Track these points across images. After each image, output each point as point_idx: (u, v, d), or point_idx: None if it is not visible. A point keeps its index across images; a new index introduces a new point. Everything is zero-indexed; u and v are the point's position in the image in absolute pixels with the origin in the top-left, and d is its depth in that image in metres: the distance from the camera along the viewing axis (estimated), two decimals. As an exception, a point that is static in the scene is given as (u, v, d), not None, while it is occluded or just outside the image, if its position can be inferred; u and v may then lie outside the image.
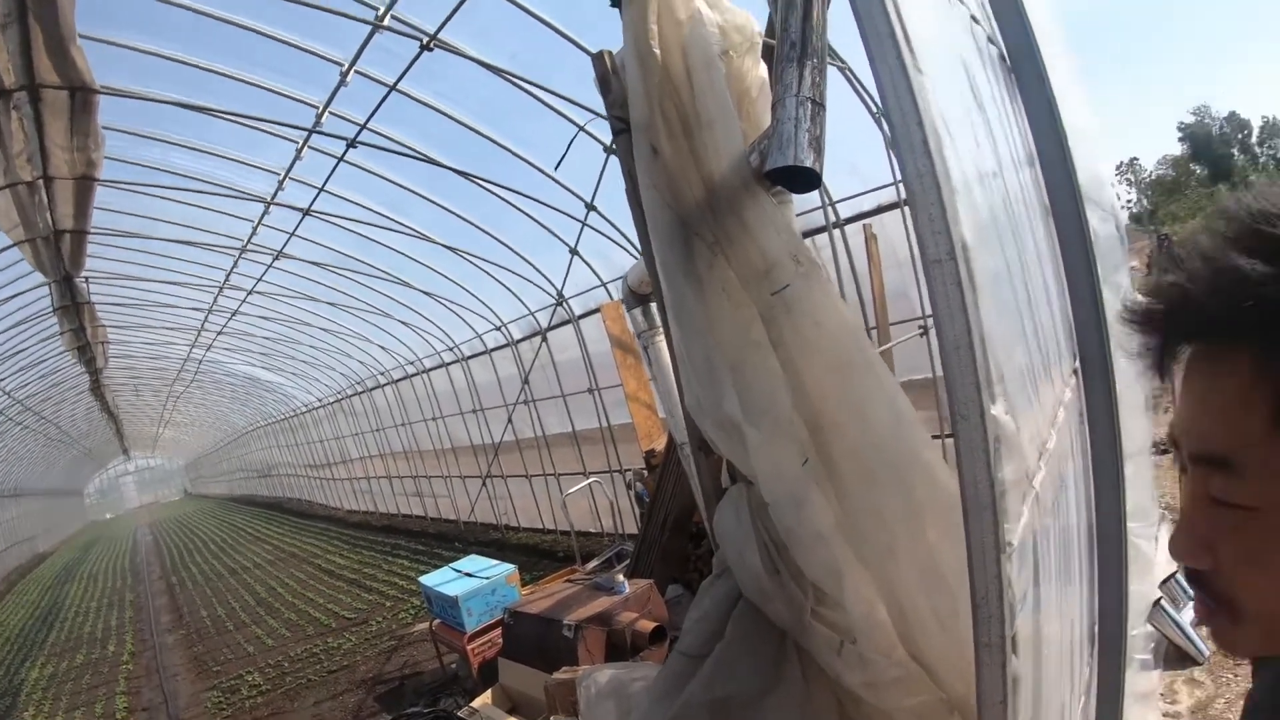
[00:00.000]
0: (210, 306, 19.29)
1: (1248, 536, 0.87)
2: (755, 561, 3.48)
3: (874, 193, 9.80)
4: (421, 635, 12.42)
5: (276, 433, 40.50)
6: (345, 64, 8.83)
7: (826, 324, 3.23)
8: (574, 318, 14.27)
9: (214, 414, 46.76)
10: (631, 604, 7.83)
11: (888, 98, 1.51)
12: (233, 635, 16.69)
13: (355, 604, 16.39)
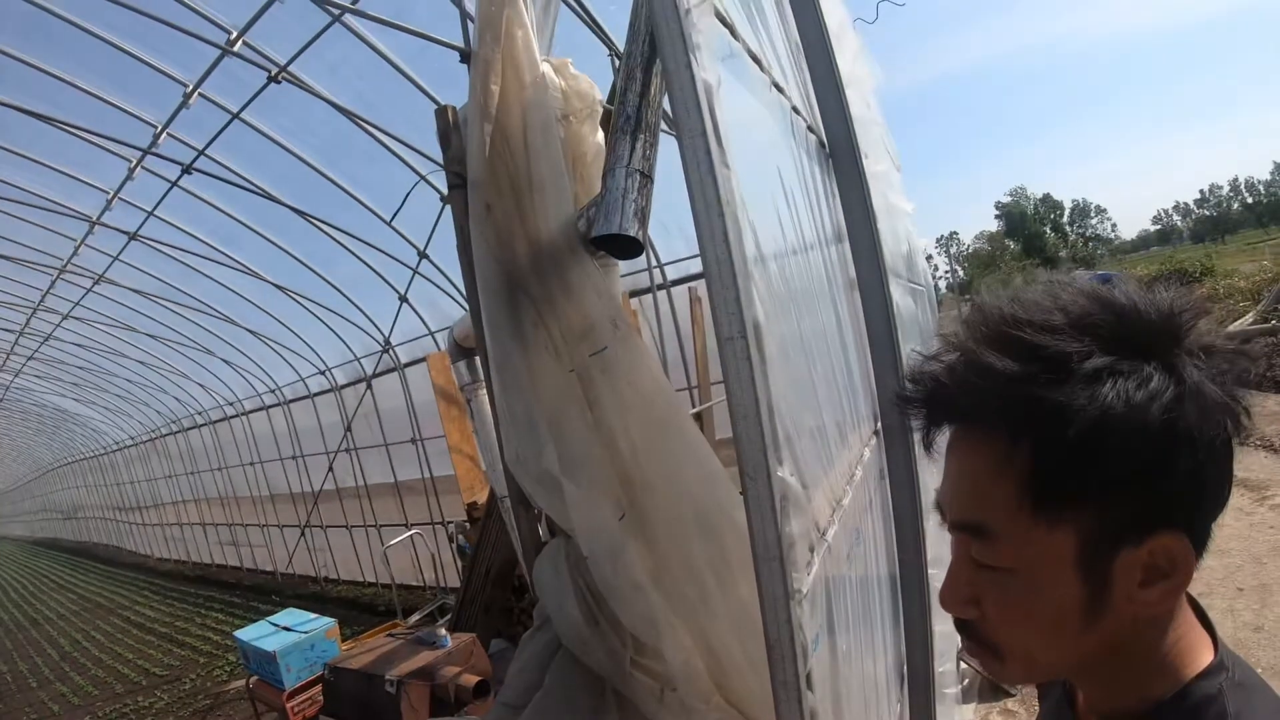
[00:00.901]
0: (22, 329, 18.05)
1: (1006, 593, 1.03)
2: (575, 612, 3.56)
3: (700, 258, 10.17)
4: (238, 693, 11.93)
5: (85, 471, 38.28)
6: (190, 85, 8.62)
7: (641, 386, 3.37)
8: (400, 366, 14.16)
9: (18, 446, 44.03)
10: (455, 658, 7.77)
11: (694, 190, 1.67)
12: (36, 693, 15.63)
13: (167, 660, 15.60)
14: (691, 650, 3.44)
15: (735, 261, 1.64)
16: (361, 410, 15.27)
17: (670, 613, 3.42)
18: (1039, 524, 0.98)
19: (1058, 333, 0.97)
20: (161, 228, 12.15)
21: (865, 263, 3.82)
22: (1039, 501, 0.98)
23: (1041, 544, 0.99)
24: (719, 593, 3.47)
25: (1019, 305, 1.03)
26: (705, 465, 3.43)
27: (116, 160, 10.20)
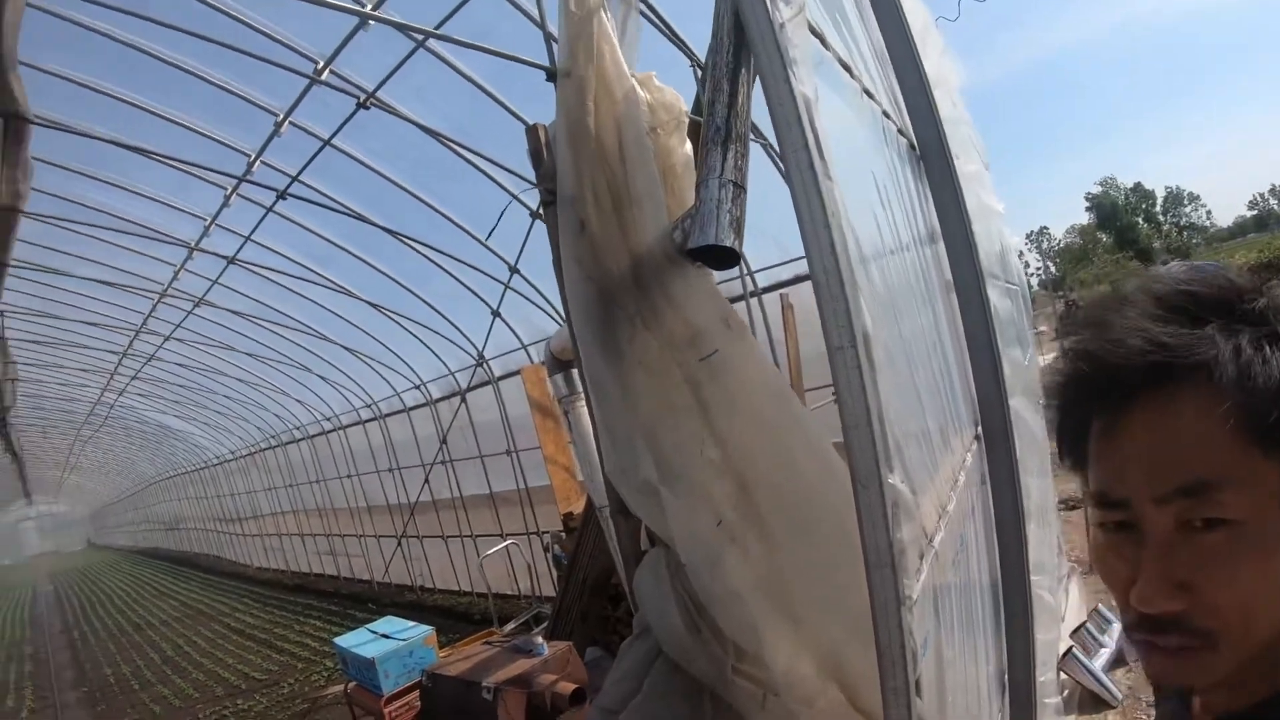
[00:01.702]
0: (125, 350, 18.79)
1: (1234, 552, 1.00)
2: (676, 621, 3.58)
3: (792, 263, 10.12)
4: (335, 698, 12.17)
5: (186, 484, 39.32)
6: (281, 114, 8.88)
7: (754, 383, 3.38)
8: (494, 379, 14.34)
9: (122, 461, 45.26)
10: (551, 666, 7.82)
11: (799, 203, 1.70)
12: (138, 695, 16.14)
13: (266, 665, 16.01)
14: (797, 655, 3.43)
15: (843, 272, 1.66)
16: (456, 423, 15.48)
17: (774, 618, 3.43)
18: (1266, 461, 0.98)
19: (1226, 287, 1.03)
20: (258, 251, 12.56)
21: (961, 264, 3.79)
22: (1264, 438, 0.98)
23: (1273, 482, 0.98)
24: (841, 592, 3.45)
25: (1186, 274, 1.07)
26: (824, 460, 3.41)
27: (213, 188, 10.59)
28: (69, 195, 11.02)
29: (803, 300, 10.03)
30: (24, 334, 16.95)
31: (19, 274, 12.92)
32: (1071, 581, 7.50)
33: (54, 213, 11.29)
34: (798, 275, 10.15)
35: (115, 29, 8.03)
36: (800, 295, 10.05)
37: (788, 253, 10.08)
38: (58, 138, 9.37)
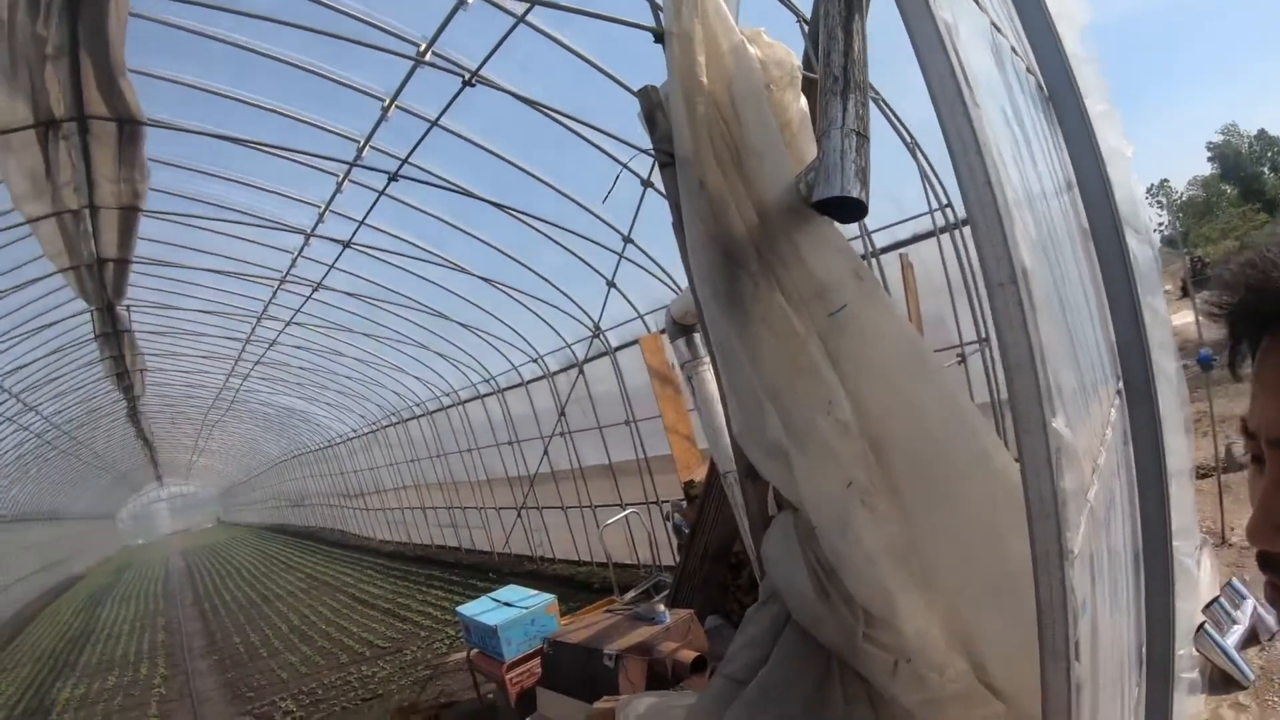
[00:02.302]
0: (248, 336, 19.58)
1: None
2: (805, 586, 3.51)
3: (910, 221, 9.85)
4: (457, 665, 12.42)
5: (310, 462, 40.66)
6: (387, 99, 9.03)
7: (886, 337, 3.28)
8: (610, 350, 14.36)
9: (248, 443, 47.01)
10: (672, 634, 7.82)
11: (949, 132, 1.59)
12: (266, 661, 16.85)
13: (389, 633, 16.47)
14: (929, 620, 3.33)
15: (999, 203, 1.55)
16: (574, 395, 15.61)
17: (906, 582, 3.32)
18: None
19: None
20: (372, 234, 12.83)
21: (1098, 211, 3.57)
22: None
23: None
24: (977, 553, 3.33)
25: None
26: (959, 420, 3.29)
27: (326, 176, 10.89)
28: (187, 192, 11.47)
29: (922, 259, 9.75)
30: (150, 326, 17.74)
31: (143, 269, 13.50)
32: (1204, 553, 7.15)
33: (174, 209, 11.79)
34: (916, 234, 9.88)
35: (221, 30, 8.29)
36: (920, 254, 9.77)
37: (904, 211, 9.82)
38: (173, 138, 9.75)
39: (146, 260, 13.17)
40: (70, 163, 7.36)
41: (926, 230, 9.71)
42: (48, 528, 43.89)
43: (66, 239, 8.74)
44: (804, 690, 3.61)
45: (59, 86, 6.29)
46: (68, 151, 7.26)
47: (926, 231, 9.72)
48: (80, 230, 8.77)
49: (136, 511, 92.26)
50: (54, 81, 6.21)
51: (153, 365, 19.50)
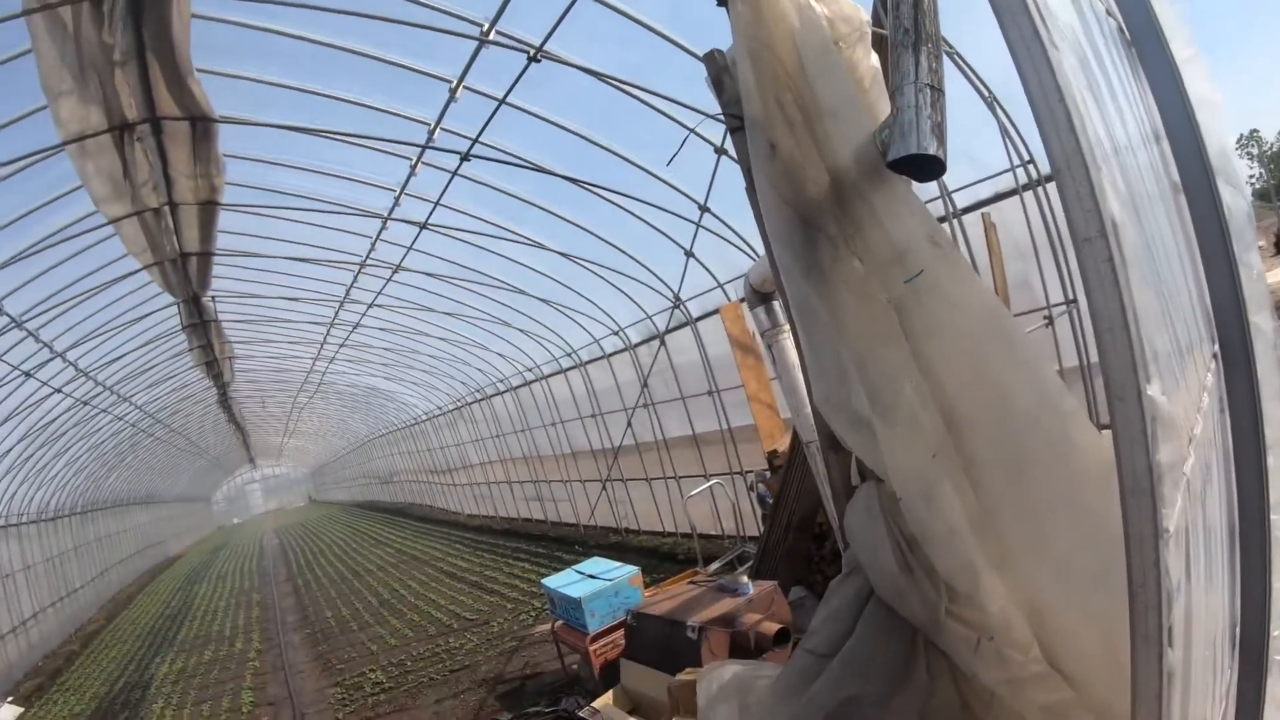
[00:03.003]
0: (332, 321, 19.97)
1: None
2: (888, 559, 3.41)
3: (990, 180, 9.52)
4: (542, 636, 12.55)
5: (398, 440, 41.35)
6: (454, 81, 9.07)
7: (965, 306, 3.14)
8: (691, 320, 14.28)
9: (336, 423, 48.03)
10: (756, 605, 7.76)
11: (1027, 75, 1.47)
12: (356, 634, 17.20)
13: (476, 605, 16.68)
14: (1011, 598, 3.21)
15: (1084, 150, 1.43)
16: (656, 366, 15.57)
17: (990, 558, 3.21)
18: None
19: None
20: (448, 214, 12.91)
21: (1188, 162, 3.36)
22: None
23: None
24: (1052, 532, 3.19)
25: None
26: (1040, 385, 3.15)
27: (399, 160, 10.98)
28: (263, 184, 11.78)
29: (1005, 219, 9.43)
30: (235, 315, 18.28)
31: (225, 261, 13.85)
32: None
33: (251, 201, 12.11)
34: (998, 192, 9.54)
35: (283, 25, 8.40)
36: (1003, 213, 9.44)
37: (984, 169, 9.49)
38: (245, 133, 10.00)
39: (228, 252, 13.56)
40: (147, 163, 7.52)
41: (1008, 188, 9.37)
42: (145, 511, 45.60)
43: (149, 236, 8.96)
44: (888, 666, 3.52)
45: (129, 90, 6.41)
46: (143, 152, 7.42)
47: (1008, 190, 9.38)
48: (162, 227, 8.99)
49: (231, 493, 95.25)
50: (124, 86, 6.32)
51: (240, 352, 20.01)
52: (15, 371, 15.49)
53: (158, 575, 44.36)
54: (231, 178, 9.21)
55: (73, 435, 23.52)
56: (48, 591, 24.73)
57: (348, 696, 12.70)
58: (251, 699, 14.14)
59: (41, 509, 24.98)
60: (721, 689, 4.79)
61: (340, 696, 12.82)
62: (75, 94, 6.16)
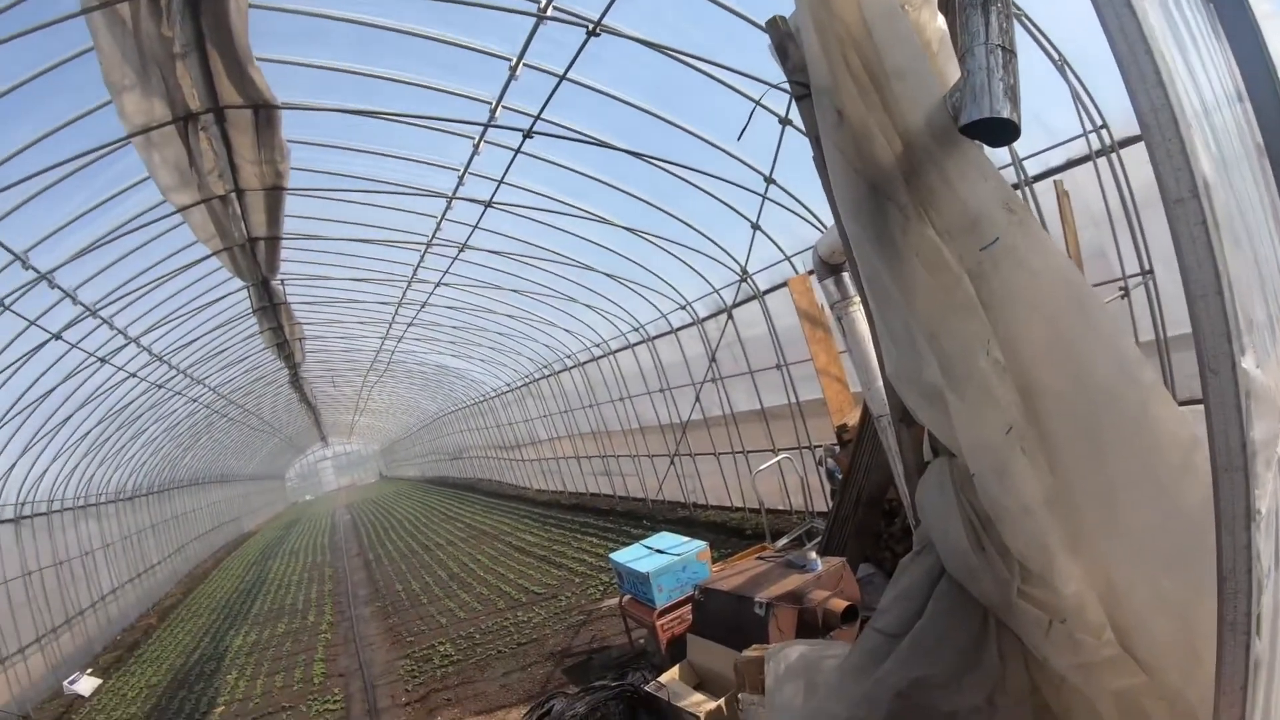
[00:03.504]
0: (400, 300, 20.28)
1: None
2: (960, 537, 3.32)
3: (1063, 146, 9.20)
4: (610, 611, 12.61)
5: (466, 417, 41.79)
6: (513, 58, 9.09)
7: (1041, 275, 3.03)
8: (759, 293, 14.15)
9: (406, 401, 48.82)
10: (824, 582, 7.68)
11: (1111, 28, 1.38)
12: (426, 608, 17.49)
13: (544, 580, 16.82)
14: (1084, 579, 3.11)
15: (1174, 105, 1.33)
16: (724, 340, 15.48)
17: (1065, 538, 3.11)
18: None
19: None
20: (512, 192, 12.96)
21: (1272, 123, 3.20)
22: None
23: None
24: (1128, 513, 3.08)
25: None
26: (1119, 357, 3.03)
27: (461, 139, 11.04)
28: (327, 168, 11.98)
29: (1078, 186, 9.10)
30: (305, 297, 18.78)
31: (293, 244, 14.17)
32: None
33: (317, 185, 12.37)
34: (1070, 159, 9.21)
35: (340, 10, 8.50)
36: (1075, 180, 9.11)
37: (1056, 135, 9.17)
38: (308, 118, 10.24)
39: (296, 235, 13.86)
40: (212, 151, 7.65)
41: (1081, 154, 9.03)
42: (221, 489, 47.06)
43: (217, 223, 9.13)
44: (959, 647, 3.44)
45: (191, 82, 6.51)
46: (208, 141, 7.55)
47: (1081, 156, 9.03)
48: (229, 213, 9.16)
49: (303, 470, 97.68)
50: (186, 77, 6.42)
51: (310, 334, 20.41)
52: (91, 358, 16.07)
53: (233, 551, 45.72)
54: (296, 162, 9.33)
55: (149, 418, 24.36)
56: (126, 568, 25.73)
57: (417, 668, 12.92)
58: (323, 670, 14.48)
59: (120, 489, 25.92)
60: (789, 669, 4.75)
61: (410, 668, 13.05)
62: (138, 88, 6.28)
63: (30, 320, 12.79)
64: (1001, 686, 3.35)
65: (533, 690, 10.44)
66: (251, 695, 14.15)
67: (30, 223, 10.31)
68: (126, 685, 17.43)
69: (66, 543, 20.88)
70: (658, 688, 7.88)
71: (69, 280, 12.31)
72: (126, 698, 16.29)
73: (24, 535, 18.33)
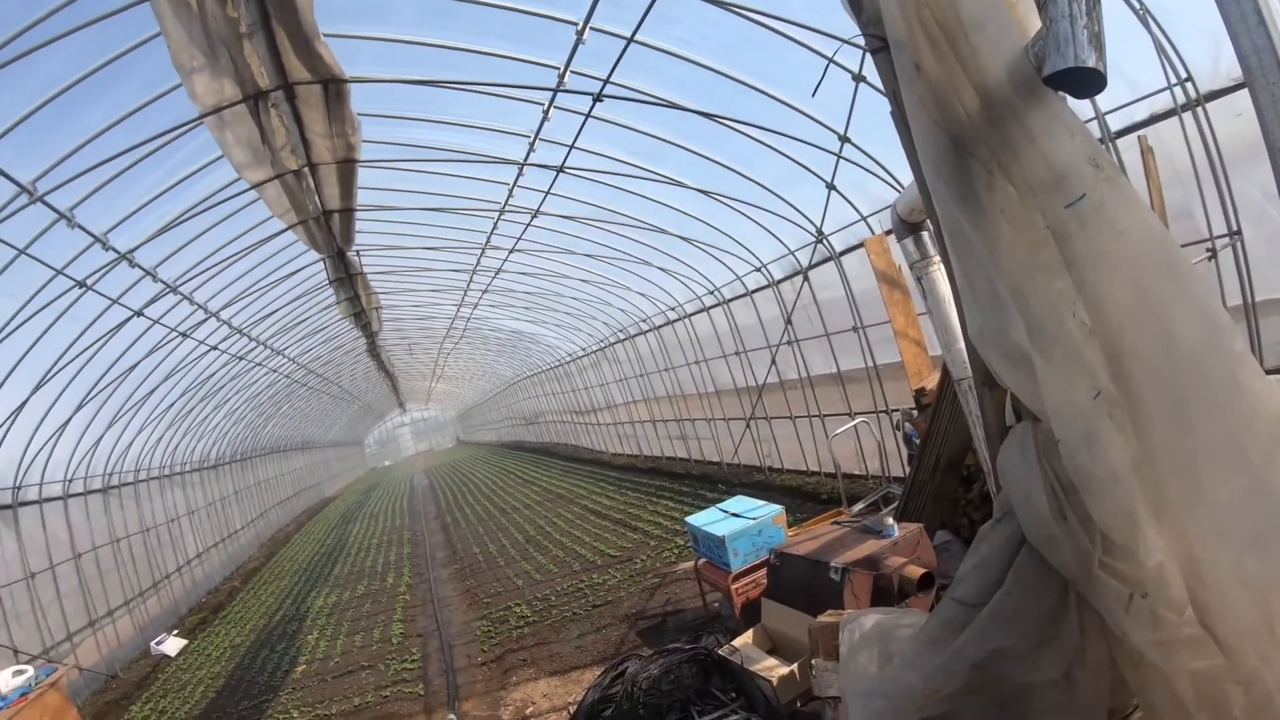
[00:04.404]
0: (474, 268, 20.45)
1: None
2: (1042, 505, 3.21)
3: (1146, 100, 8.80)
4: (684, 574, 12.64)
5: (542, 382, 42.08)
6: (580, 22, 9.02)
7: (1131, 234, 2.89)
8: (835, 255, 13.95)
9: (482, 367, 49.29)
10: (900, 548, 7.60)
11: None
12: (502, 570, 17.82)
13: (620, 543, 16.95)
14: (1170, 553, 2.98)
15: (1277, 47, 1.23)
16: (800, 302, 15.26)
17: (1150, 508, 2.98)
18: None
19: None
20: (584, 156, 12.92)
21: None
22: None
23: None
24: (1214, 485, 2.96)
25: None
26: (1210, 328, 2.89)
27: (531, 106, 11.02)
28: (398, 139, 12.12)
29: (1162, 142, 8.69)
30: (380, 267, 19.19)
31: (367, 216, 14.40)
32: None
33: (388, 156, 12.61)
34: (1154, 113, 8.81)
35: None
36: (1160, 136, 8.69)
37: (1138, 88, 8.76)
38: (377, 91, 10.44)
39: (369, 207, 14.07)
40: (284, 128, 7.73)
41: (1165, 109, 8.62)
42: (302, 456, 48.53)
43: (292, 197, 9.27)
44: (1038, 619, 3.34)
45: (259, 60, 6.58)
46: (279, 118, 7.63)
47: (1165, 110, 8.61)
48: (303, 187, 9.29)
49: (382, 437, 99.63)
50: (254, 57, 6.49)
51: (386, 303, 20.62)
52: (173, 333, 16.68)
53: (314, 515, 46.90)
54: (366, 135, 9.43)
55: (230, 389, 25.16)
56: (210, 533, 26.81)
57: (493, 629, 13.15)
58: (401, 630, 14.84)
59: (203, 458, 26.93)
60: (864, 636, 4.68)
61: (486, 629, 13.28)
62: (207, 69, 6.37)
63: (112, 299, 13.25)
64: (1080, 660, 3.26)
65: (607, 652, 10.54)
66: (331, 654, 14.58)
67: (108, 205, 10.66)
68: (211, 645, 18.08)
69: (153, 510, 21.81)
70: (731, 651, 7.87)
71: (148, 259, 12.72)
72: (211, 657, 16.91)
73: (112, 504, 19.13)
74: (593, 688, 7.96)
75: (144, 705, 14.51)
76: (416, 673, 12.28)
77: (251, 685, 14.04)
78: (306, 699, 12.45)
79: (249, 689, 13.86)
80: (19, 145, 8.60)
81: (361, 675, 12.82)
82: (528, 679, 10.56)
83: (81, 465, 17.36)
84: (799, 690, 7.11)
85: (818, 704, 6.33)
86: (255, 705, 12.81)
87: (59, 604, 15.54)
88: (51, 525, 15.94)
